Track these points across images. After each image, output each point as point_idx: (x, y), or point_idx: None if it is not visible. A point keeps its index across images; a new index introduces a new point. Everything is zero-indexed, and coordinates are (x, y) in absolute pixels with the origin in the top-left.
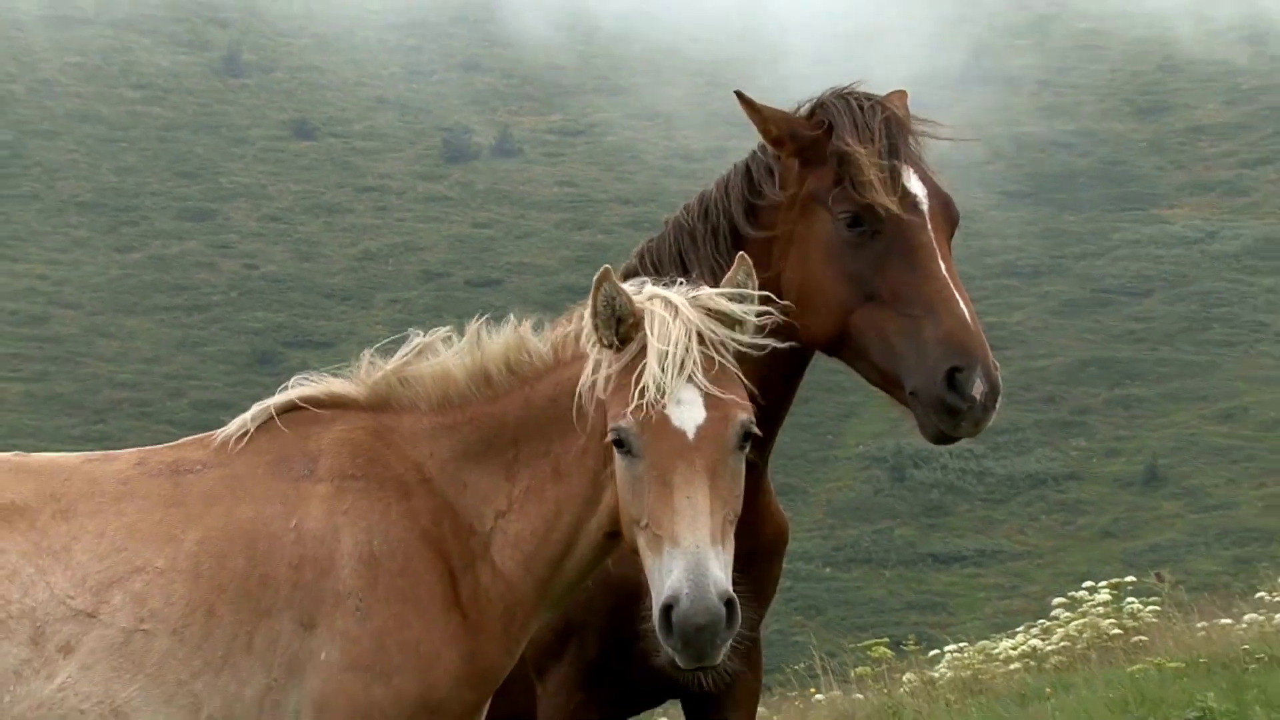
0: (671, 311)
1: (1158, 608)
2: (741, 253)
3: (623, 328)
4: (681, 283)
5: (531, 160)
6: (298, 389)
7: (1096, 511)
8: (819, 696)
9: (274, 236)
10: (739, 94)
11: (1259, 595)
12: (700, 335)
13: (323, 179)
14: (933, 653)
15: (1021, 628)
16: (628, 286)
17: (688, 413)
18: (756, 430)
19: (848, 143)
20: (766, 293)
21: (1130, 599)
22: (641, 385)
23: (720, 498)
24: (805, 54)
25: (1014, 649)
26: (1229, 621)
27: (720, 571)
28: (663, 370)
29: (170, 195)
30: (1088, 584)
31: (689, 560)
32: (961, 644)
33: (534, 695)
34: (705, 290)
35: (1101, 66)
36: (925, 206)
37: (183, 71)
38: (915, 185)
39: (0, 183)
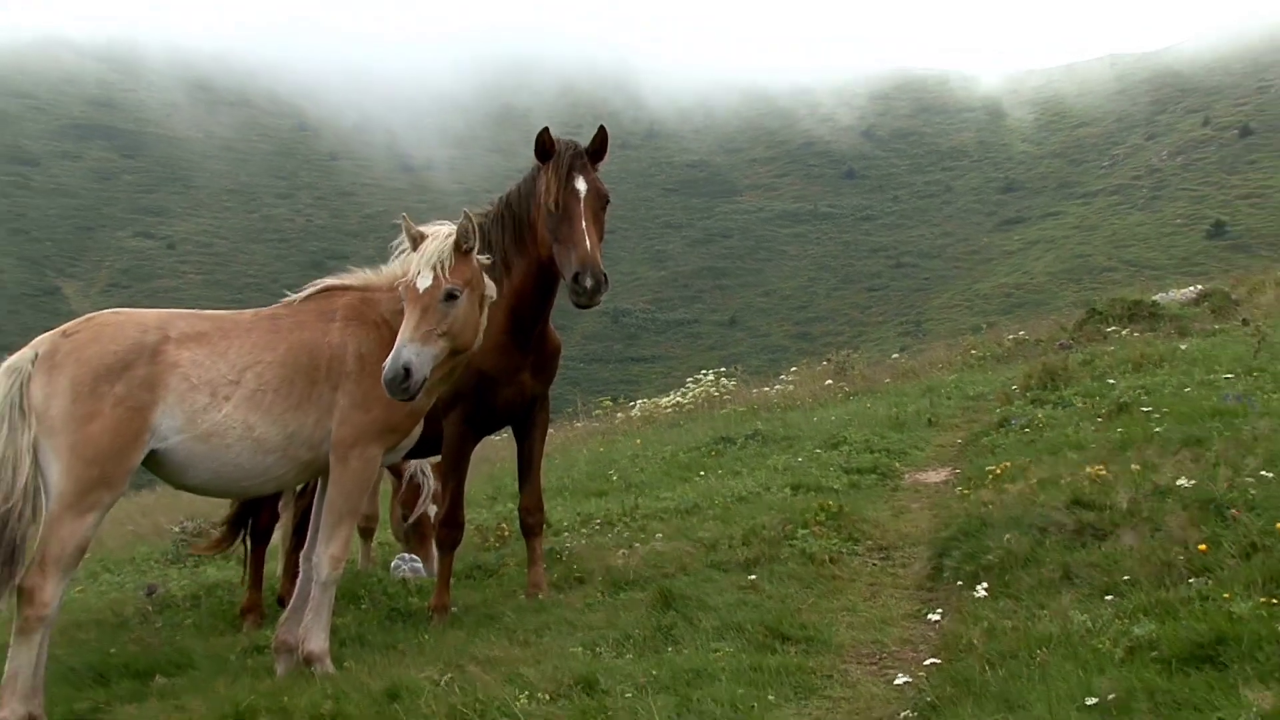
0: (430, 238)
1: (736, 383)
2: (465, 209)
3: (416, 244)
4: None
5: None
6: (326, 280)
7: (706, 338)
8: (579, 424)
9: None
10: (545, 130)
11: (781, 377)
12: (442, 249)
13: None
14: (631, 404)
15: (671, 393)
16: (421, 226)
17: (421, 282)
18: (456, 293)
19: (546, 167)
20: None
21: (724, 379)
22: (408, 269)
23: (428, 321)
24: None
25: (668, 403)
26: (768, 390)
27: (410, 354)
28: (417, 262)
29: (272, 188)
30: (704, 372)
31: (394, 349)
32: (644, 400)
33: (440, 424)
34: (449, 228)
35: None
36: (582, 195)
37: (252, 135)
38: (580, 184)
39: (179, 194)
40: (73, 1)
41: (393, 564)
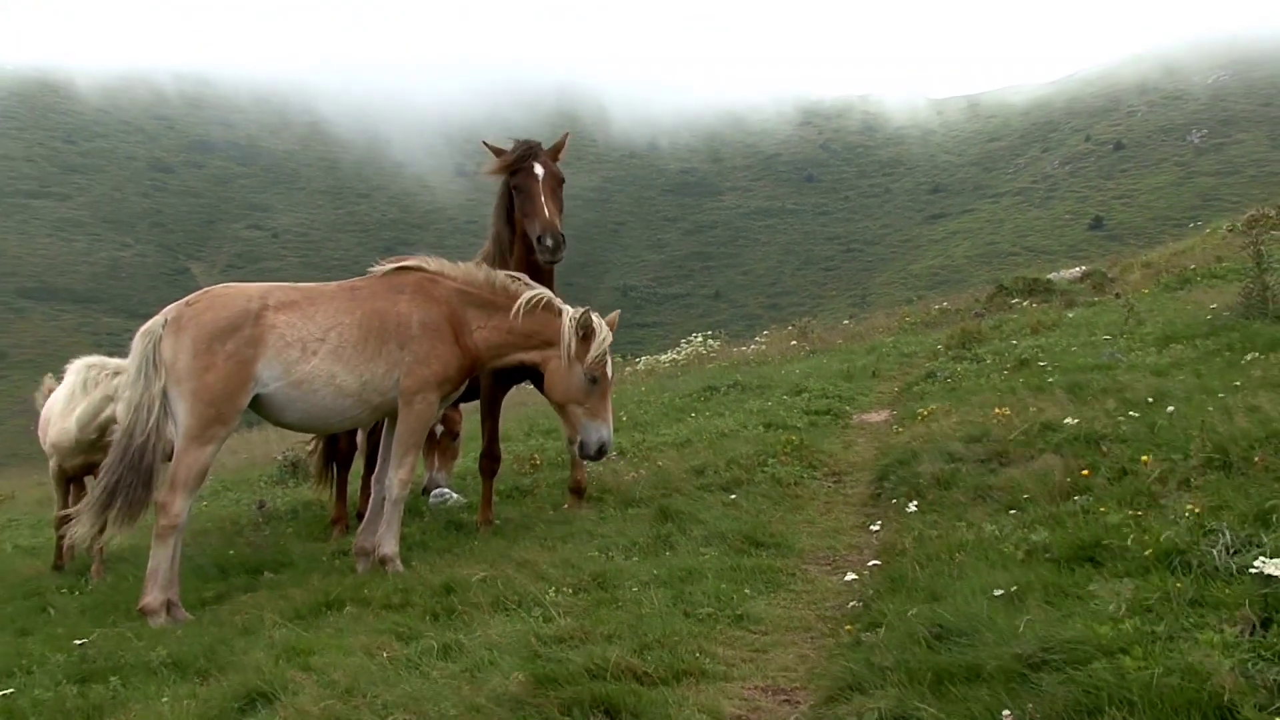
0: (601, 328)
1: (720, 344)
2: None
3: (581, 326)
4: (595, 314)
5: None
6: (400, 260)
7: (695, 309)
8: None
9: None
10: (485, 143)
11: (756, 339)
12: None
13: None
14: (637, 361)
15: (669, 352)
16: (577, 311)
17: (611, 370)
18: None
19: (504, 157)
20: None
21: (710, 341)
22: (603, 358)
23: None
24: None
25: (667, 360)
26: (746, 349)
27: (611, 435)
28: (605, 353)
29: (355, 189)
30: (695, 335)
31: (608, 430)
32: (647, 357)
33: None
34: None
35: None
36: (540, 177)
37: (335, 149)
38: (538, 169)
39: (282, 195)
40: (161, 40)
41: (432, 500)
